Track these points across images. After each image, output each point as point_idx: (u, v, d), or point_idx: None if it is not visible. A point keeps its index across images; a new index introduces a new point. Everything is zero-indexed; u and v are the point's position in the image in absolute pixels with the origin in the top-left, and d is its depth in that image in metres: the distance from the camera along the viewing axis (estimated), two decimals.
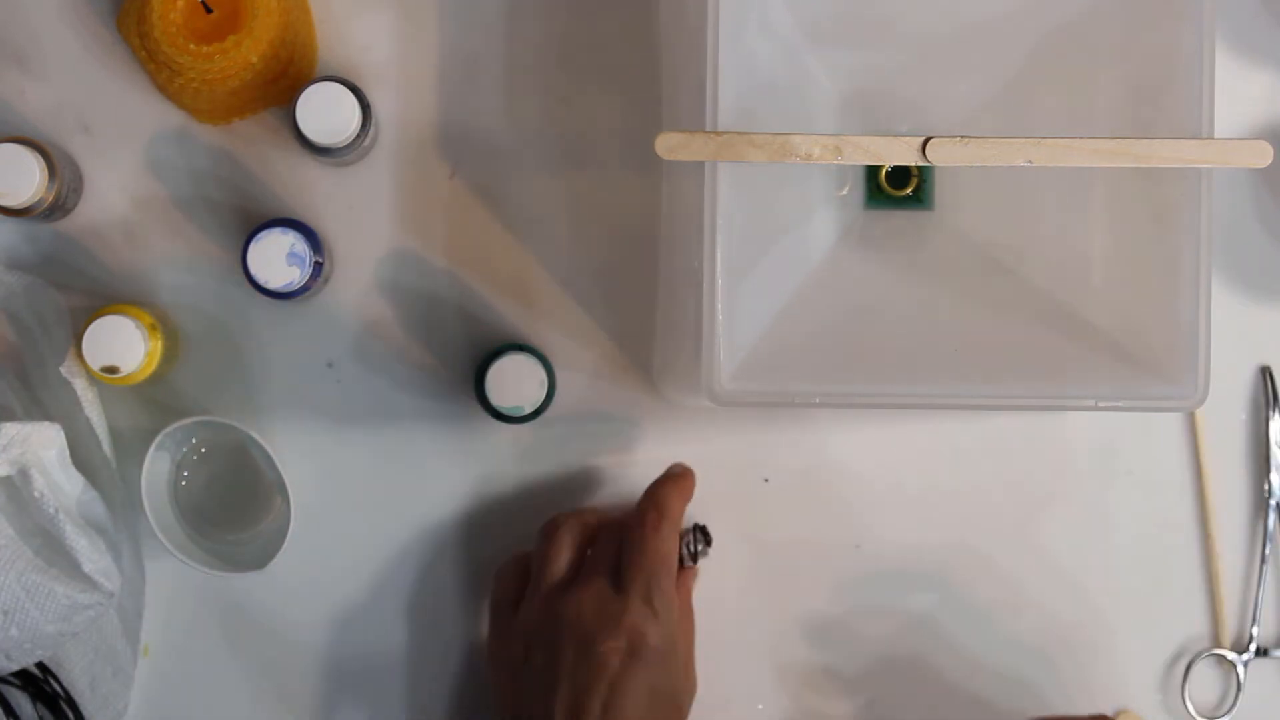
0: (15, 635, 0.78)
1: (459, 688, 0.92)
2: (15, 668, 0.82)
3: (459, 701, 0.92)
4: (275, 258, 0.84)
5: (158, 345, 0.86)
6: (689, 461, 0.91)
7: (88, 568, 0.79)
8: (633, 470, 0.92)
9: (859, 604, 0.93)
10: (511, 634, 0.85)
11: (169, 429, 0.86)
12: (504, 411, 0.86)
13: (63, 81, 0.89)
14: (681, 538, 0.89)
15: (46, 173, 0.84)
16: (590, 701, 0.80)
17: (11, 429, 0.77)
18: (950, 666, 0.93)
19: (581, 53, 0.91)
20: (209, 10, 0.84)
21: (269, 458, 0.87)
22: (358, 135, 0.85)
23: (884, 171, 0.86)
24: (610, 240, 0.91)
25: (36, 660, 0.82)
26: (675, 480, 0.88)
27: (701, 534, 0.90)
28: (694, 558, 0.90)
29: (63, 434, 0.78)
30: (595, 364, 0.91)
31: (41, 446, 0.77)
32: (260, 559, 0.87)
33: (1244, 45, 0.93)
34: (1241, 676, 0.93)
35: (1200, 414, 0.93)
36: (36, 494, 0.77)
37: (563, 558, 0.86)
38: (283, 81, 0.87)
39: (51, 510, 0.77)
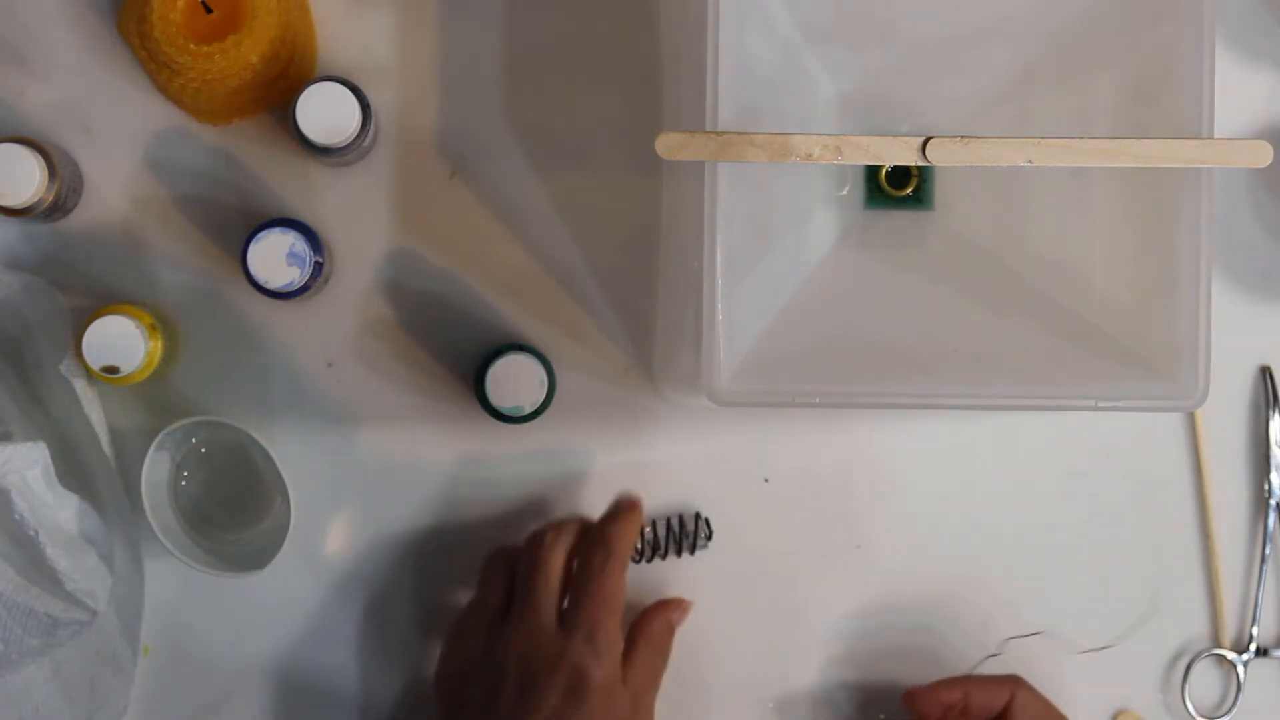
0: (0, 650, 0.78)
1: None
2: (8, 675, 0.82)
3: None
4: (275, 258, 0.84)
5: (158, 345, 0.86)
6: (689, 461, 0.92)
7: (70, 587, 0.79)
8: (633, 470, 0.92)
9: (859, 604, 0.93)
10: (455, 660, 0.86)
11: (169, 429, 0.86)
12: (504, 411, 0.86)
13: (63, 81, 0.89)
14: (683, 528, 0.90)
15: (46, 173, 0.84)
16: None
17: None
18: (950, 666, 0.93)
19: (581, 52, 0.91)
20: (209, 10, 0.84)
21: (269, 458, 0.87)
22: (358, 135, 0.85)
23: (884, 171, 0.86)
24: (610, 240, 0.91)
25: (27, 669, 0.82)
26: (623, 516, 0.88)
27: (705, 524, 0.91)
28: (693, 548, 0.91)
29: (46, 452, 0.78)
30: (595, 364, 0.91)
31: (25, 466, 0.76)
32: (260, 559, 0.87)
33: (1244, 45, 0.93)
34: (1241, 676, 0.93)
35: (1200, 414, 0.93)
36: (16, 516, 0.76)
37: (498, 589, 0.87)
38: (283, 81, 0.87)
39: (32, 532, 0.77)
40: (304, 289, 0.85)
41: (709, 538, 0.91)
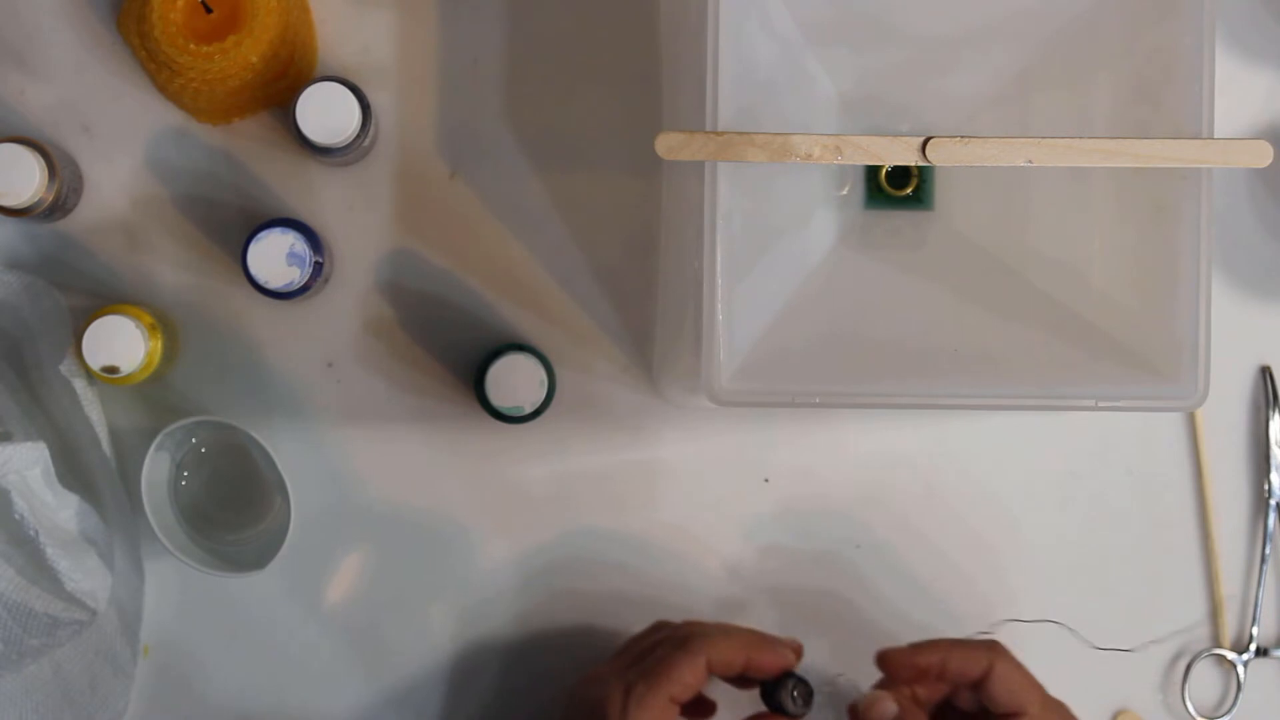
0: (1, 649, 0.78)
1: (456, 685, 0.92)
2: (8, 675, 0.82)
3: (457, 698, 0.92)
4: (275, 258, 0.84)
5: (158, 345, 0.86)
6: (689, 461, 0.92)
7: (70, 587, 0.79)
8: (633, 470, 0.92)
9: (859, 604, 0.93)
10: None
11: (169, 429, 0.86)
12: (504, 411, 0.86)
13: (63, 81, 0.89)
14: (777, 688, 0.82)
15: (46, 173, 0.84)
16: None
17: None
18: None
19: (581, 53, 0.91)
20: (209, 10, 0.84)
21: (269, 458, 0.87)
22: (358, 135, 0.85)
23: (884, 171, 0.86)
24: (610, 240, 0.91)
25: (27, 669, 0.82)
26: (750, 639, 0.82)
27: (802, 687, 0.82)
28: (783, 710, 0.82)
29: (47, 452, 0.78)
30: (595, 364, 0.91)
31: (25, 466, 0.76)
32: (260, 559, 0.87)
33: (1244, 45, 0.93)
34: (1241, 676, 0.93)
35: (1200, 414, 0.93)
36: (17, 515, 0.76)
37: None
38: (283, 81, 0.87)
39: (32, 532, 0.77)
40: (304, 289, 0.85)
41: (803, 704, 0.81)
